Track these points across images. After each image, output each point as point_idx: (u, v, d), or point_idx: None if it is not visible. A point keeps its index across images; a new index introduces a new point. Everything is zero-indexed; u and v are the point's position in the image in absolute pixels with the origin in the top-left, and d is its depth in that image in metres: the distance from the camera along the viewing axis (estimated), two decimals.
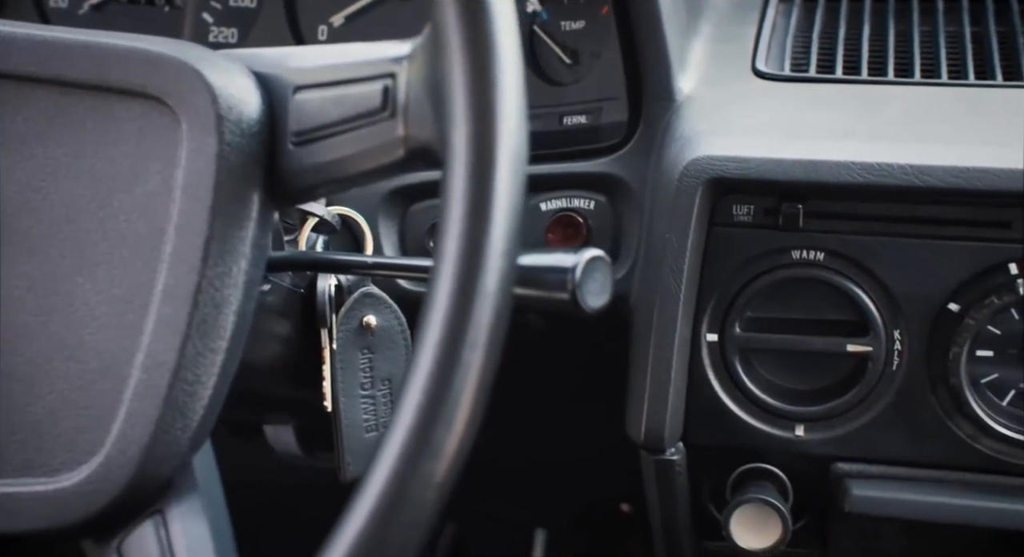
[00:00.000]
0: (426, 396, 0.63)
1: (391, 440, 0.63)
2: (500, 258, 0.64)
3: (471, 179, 0.64)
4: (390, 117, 0.72)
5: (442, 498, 0.64)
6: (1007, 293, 1.05)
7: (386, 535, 0.63)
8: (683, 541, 1.20)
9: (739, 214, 1.11)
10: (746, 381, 1.13)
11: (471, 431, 0.64)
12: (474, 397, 0.64)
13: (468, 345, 0.63)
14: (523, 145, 0.66)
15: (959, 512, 1.10)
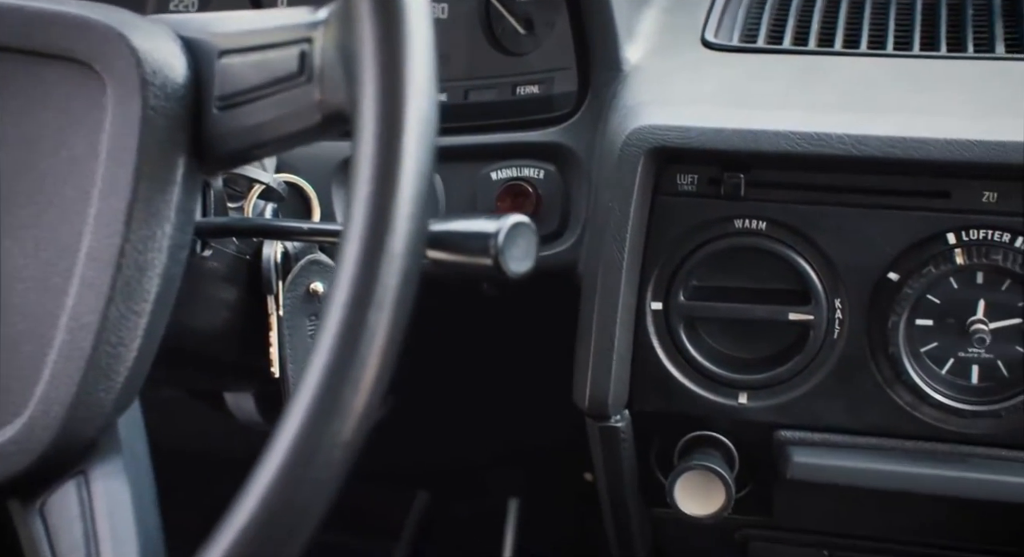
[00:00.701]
0: (332, 356, 0.64)
1: (298, 399, 0.64)
2: (407, 221, 0.65)
3: (378, 143, 0.65)
4: (306, 82, 0.73)
5: (350, 457, 0.65)
6: (944, 262, 1.06)
7: (293, 493, 0.64)
8: (630, 507, 1.21)
9: (683, 183, 1.11)
10: (690, 349, 1.14)
11: (378, 391, 0.65)
12: (380, 358, 0.65)
13: (374, 307, 0.64)
14: (431, 110, 0.66)
15: (898, 479, 1.11)
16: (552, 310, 1.22)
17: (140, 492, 0.78)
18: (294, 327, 1.15)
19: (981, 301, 1.08)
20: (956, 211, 1.06)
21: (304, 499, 0.64)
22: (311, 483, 0.64)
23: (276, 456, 0.64)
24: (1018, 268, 1.05)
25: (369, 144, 0.65)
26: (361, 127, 0.65)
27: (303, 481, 0.64)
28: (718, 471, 1.13)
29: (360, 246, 0.64)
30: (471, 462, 1.87)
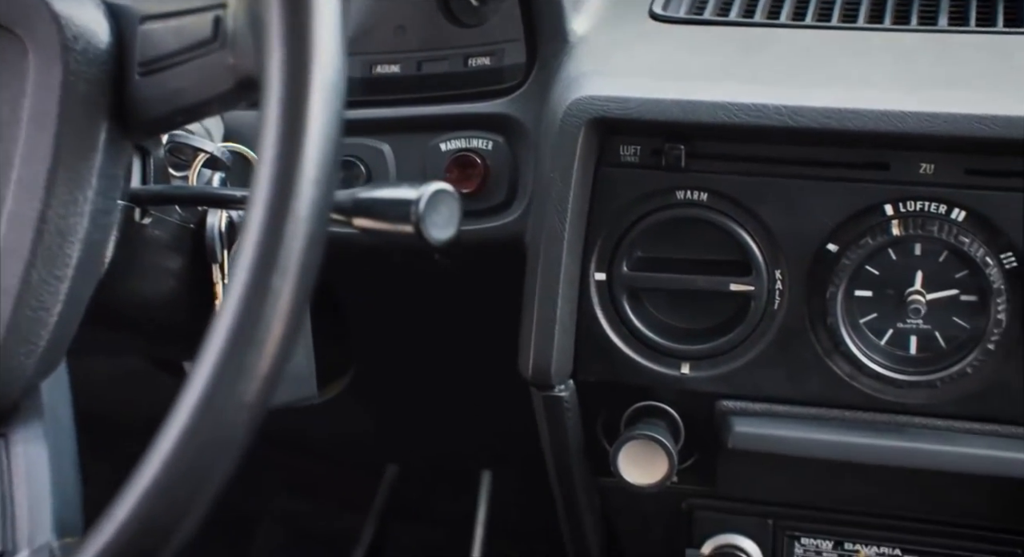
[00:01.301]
0: (236, 319, 0.65)
1: (202, 361, 0.65)
2: (312, 186, 0.66)
3: (283, 108, 0.65)
4: (220, 48, 0.74)
5: (254, 419, 0.66)
6: (881, 234, 1.07)
7: (196, 454, 0.65)
8: (575, 477, 1.22)
9: (626, 155, 1.12)
10: (633, 319, 1.15)
11: (282, 354, 0.66)
12: (285, 322, 0.65)
13: (278, 271, 0.65)
14: (338, 75, 0.67)
15: (836, 448, 1.12)
16: (503, 281, 1.22)
17: (60, 456, 0.79)
18: None
19: (919, 272, 1.09)
20: (894, 182, 1.07)
21: (207, 460, 0.65)
22: (214, 444, 0.65)
23: (179, 417, 0.65)
24: (953, 239, 1.05)
25: (274, 109, 0.66)
26: (267, 92, 0.66)
27: (206, 442, 0.65)
28: (660, 440, 1.14)
29: (264, 210, 0.65)
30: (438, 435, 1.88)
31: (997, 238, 1.05)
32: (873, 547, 1.20)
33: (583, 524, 1.27)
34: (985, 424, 1.09)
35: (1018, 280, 1.05)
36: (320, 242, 0.67)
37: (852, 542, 1.20)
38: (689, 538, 1.24)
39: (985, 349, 1.06)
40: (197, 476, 0.64)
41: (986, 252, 1.05)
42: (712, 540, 1.23)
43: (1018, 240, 1.05)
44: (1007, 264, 1.05)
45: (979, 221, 1.05)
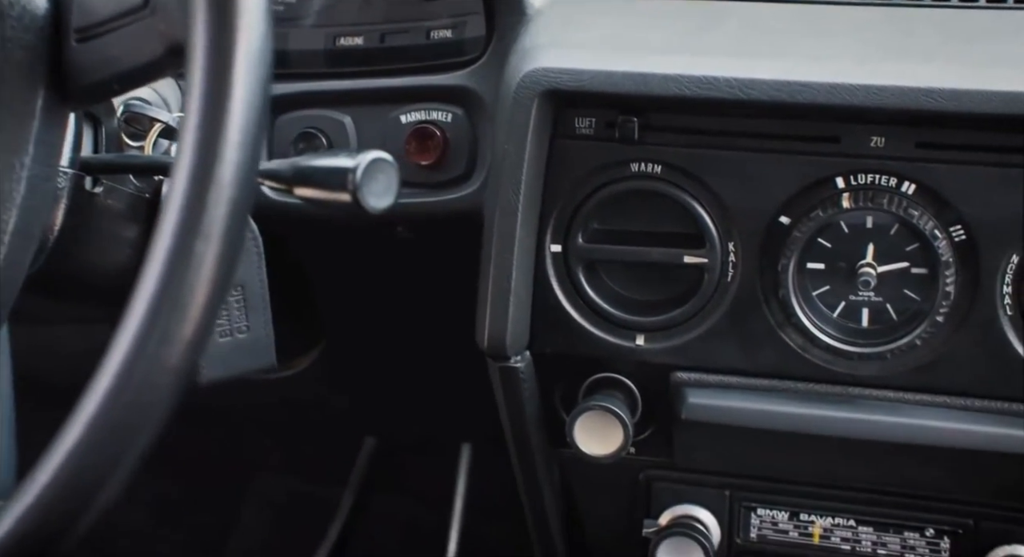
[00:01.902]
0: (158, 284, 0.65)
1: (125, 326, 0.65)
2: (236, 150, 0.66)
3: (207, 73, 0.66)
4: (151, 14, 0.74)
5: (178, 383, 0.66)
6: (832, 206, 1.07)
7: (119, 416, 0.65)
8: (534, 447, 1.23)
9: (581, 127, 1.12)
10: (589, 291, 1.15)
11: (206, 319, 0.66)
12: (208, 287, 0.66)
13: (201, 236, 0.65)
14: (262, 41, 0.67)
15: (789, 420, 1.12)
16: (466, 253, 1.23)
17: None
18: None
19: (870, 245, 1.09)
20: (845, 155, 1.07)
21: (130, 423, 0.65)
22: (137, 408, 0.65)
23: (102, 381, 0.65)
24: (902, 212, 1.06)
25: (198, 74, 0.66)
26: (192, 58, 0.67)
27: (129, 405, 0.65)
28: (616, 411, 1.15)
29: (187, 175, 0.66)
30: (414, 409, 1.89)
31: (946, 211, 1.06)
32: (828, 518, 1.21)
33: (542, 495, 1.28)
34: (935, 396, 1.10)
35: (967, 253, 1.06)
36: (245, 208, 0.67)
37: (808, 513, 1.21)
38: (647, 509, 1.25)
39: (934, 321, 1.07)
40: (120, 439, 0.65)
41: (935, 225, 1.06)
42: (669, 511, 1.24)
43: (967, 213, 1.05)
44: (956, 237, 1.06)
45: (929, 194, 1.06)
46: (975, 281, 1.06)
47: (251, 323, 1.19)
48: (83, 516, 0.65)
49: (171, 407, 0.67)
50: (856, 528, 1.20)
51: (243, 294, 1.19)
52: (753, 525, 1.23)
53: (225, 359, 1.19)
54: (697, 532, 1.20)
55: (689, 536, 1.19)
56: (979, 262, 1.06)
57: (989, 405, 1.09)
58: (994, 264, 1.05)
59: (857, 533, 1.20)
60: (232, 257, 0.67)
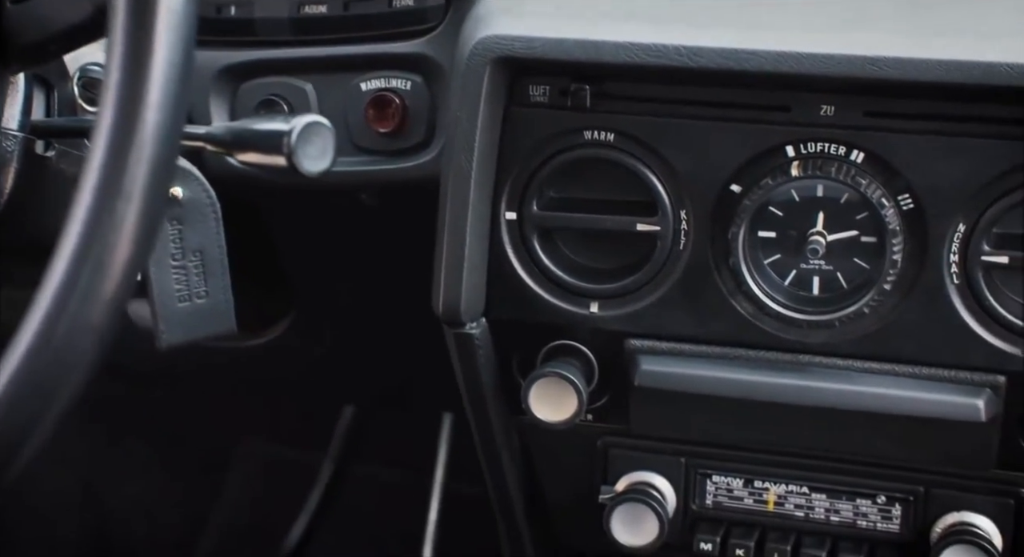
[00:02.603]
0: (78, 243, 0.66)
1: (46, 284, 0.66)
2: (156, 111, 0.67)
3: (126, 32, 0.67)
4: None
5: (100, 342, 0.67)
6: (782, 175, 1.08)
7: (40, 373, 0.66)
8: (491, 414, 1.24)
9: (535, 95, 1.13)
10: (543, 259, 1.16)
11: (128, 278, 0.67)
12: (129, 246, 0.67)
13: (122, 196, 0.66)
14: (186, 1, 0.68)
15: (740, 387, 1.13)
16: (427, 221, 1.24)
17: None
18: None
19: (821, 213, 1.10)
20: (795, 124, 1.08)
21: (51, 380, 0.66)
22: (58, 364, 0.66)
23: (24, 338, 0.66)
24: (850, 181, 1.06)
25: (119, 34, 0.67)
26: (114, 17, 0.67)
27: (50, 362, 0.66)
28: (570, 378, 1.16)
29: (108, 135, 0.66)
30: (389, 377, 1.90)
31: (895, 180, 1.06)
32: (782, 485, 1.21)
33: (501, 461, 1.29)
34: (884, 363, 1.11)
35: (914, 221, 1.07)
36: (167, 167, 0.68)
37: (762, 480, 1.22)
38: (604, 475, 1.26)
39: (881, 290, 1.08)
40: (41, 397, 0.66)
41: (883, 193, 1.06)
42: (626, 477, 1.25)
43: (915, 182, 1.06)
44: (904, 206, 1.07)
45: (877, 163, 1.06)
46: (922, 249, 1.07)
47: (210, 288, 1.20)
48: (4, 471, 0.66)
49: (93, 364, 0.68)
50: (809, 495, 1.21)
51: (201, 259, 1.20)
52: (709, 492, 1.24)
53: (184, 324, 1.20)
54: (651, 498, 1.21)
55: (643, 502, 1.20)
56: (926, 231, 1.06)
57: (936, 373, 1.09)
58: (941, 232, 1.06)
59: (810, 500, 1.21)
60: (154, 216, 0.68)
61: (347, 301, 1.60)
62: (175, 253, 1.18)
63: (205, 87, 1.28)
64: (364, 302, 1.62)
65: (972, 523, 1.15)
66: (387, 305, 1.61)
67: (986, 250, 1.06)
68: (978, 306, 1.07)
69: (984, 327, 1.07)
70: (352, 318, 1.67)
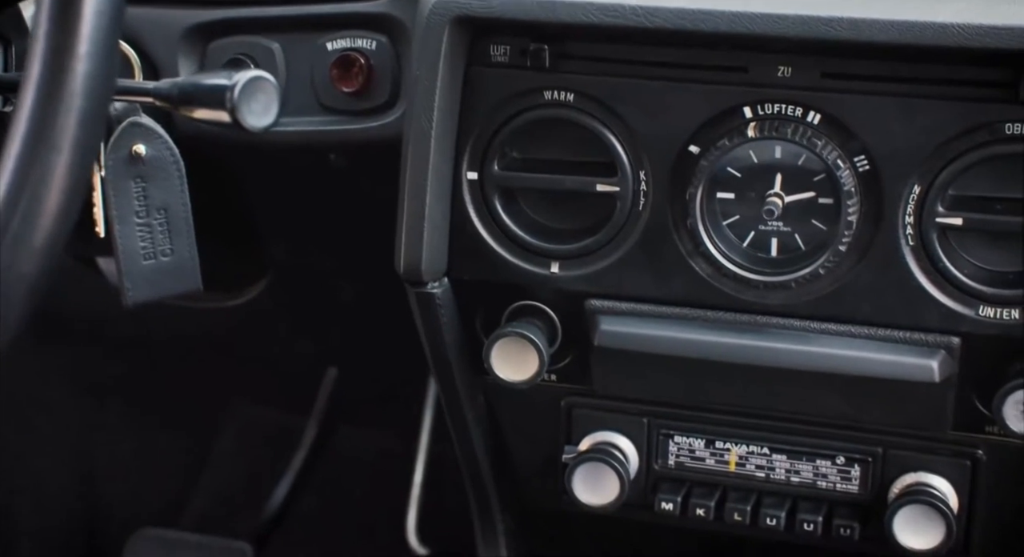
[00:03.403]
0: (6, 192, 0.67)
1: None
2: (84, 61, 0.67)
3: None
4: None
5: (31, 291, 0.68)
6: (739, 136, 1.08)
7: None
8: (455, 373, 1.25)
9: (496, 54, 1.13)
10: (505, 219, 1.17)
11: (59, 227, 0.68)
12: (59, 196, 0.67)
13: (50, 146, 0.67)
14: None
15: (698, 347, 1.14)
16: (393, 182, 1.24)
17: None
18: (119, 189, 1.17)
19: (778, 175, 1.10)
20: (752, 85, 1.08)
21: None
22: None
23: None
24: (806, 142, 1.06)
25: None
26: None
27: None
28: (531, 338, 1.16)
29: (36, 86, 0.67)
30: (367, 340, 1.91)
31: (851, 141, 1.07)
32: (743, 446, 1.22)
33: (467, 422, 1.30)
34: (840, 325, 1.11)
35: (870, 183, 1.07)
36: (96, 118, 0.68)
37: (723, 441, 1.23)
38: (568, 435, 1.27)
39: (837, 251, 1.08)
40: None
41: (839, 155, 1.06)
42: (589, 437, 1.25)
43: (870, 143, 1.06)
44: (860, 167, 1.07)
45: (833, 124, 1.07)
46: (878, 211, 1.07)
47: (175, 246, 1.21)
48: None
49: (25, 314, 0.68)
50: (770, 456, 1.22)
51: (166, 217, 1.21)
52: (671, 452, 1.24)
53: (150, 281, 1.21)
54: (613, 458, 1.22)
55: (604, 462, 1.21)
56: (882, 192, 1.07)
57: (891, 334, 1.10)
58: (896, 194, 1.06)
59: (771, 461, 1.22)
60: (83, 166, 0.68)
61: (321, 263, 1.61)
62: (139, 211, 1.19)
63: (173, 46, 1.28)
64: (338, 264, 1.62)
65: (928, 484, 1.16)
66: (360, 267, 1.62)
67: (941, 212, 1.06)
68: (933, 268, 1.07)
69: (938, 288, 1.08)
70: (327, 279, 1.68)
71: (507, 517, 1.40)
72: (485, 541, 1.41)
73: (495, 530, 1.40)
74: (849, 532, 1.19)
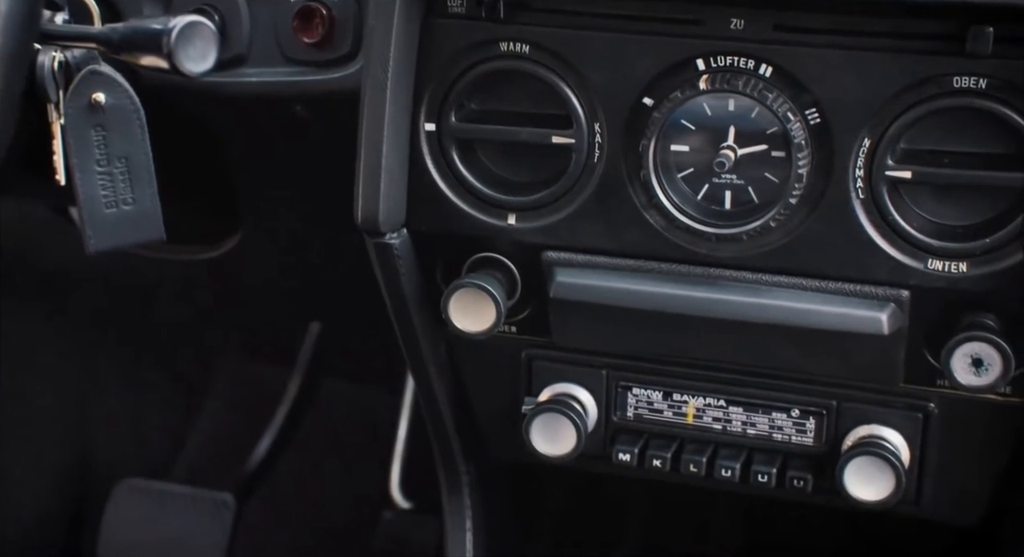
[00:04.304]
0: None
1: None
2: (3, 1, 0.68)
3: None
4: None
5: None
6: (691, 88, 1.08)
7: None
8: (415, 324, 1.26)
9: (453, 5, 1.14)
10: (462, 170, 1.18)
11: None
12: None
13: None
14: None
15: (651, 299, 1.15)
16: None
17: None
18: (79, 138, 1.18)
19: (732, 128, 1.10)
20: (706, 37, 1.08)
21: None
22: None
23: None
24: (757, 95, 1.07)
25: None
26: None
27: None
28: (487, 288, 1.17)
29: None
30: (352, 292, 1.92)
31: (802, 94, 1.07)
32: (700, 398, 1.23)
33: (428, 373, 1.31)
34: (791, 277, 1.12)
35: (821, 136, 1.07)
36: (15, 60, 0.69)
37: (681, 393, 1.24)
38: (528, 387, 1.28)
39: (787, 204, 1.09)
40: None
41: (790, 107, 1.07)
42: (549, 388, 1.27)
43: (821, 96, 1.06)
44: (811, 120, 1.07)
45: (785, 77, 1.07)
46: (828, 164, 1.08)
47: (137, 195, 1.22)
48: None
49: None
50: (727, 408, 1.23)
51: (127, 166, 1.21)
52: (629, 404, 1.25)
53: (112, 230, 1.22)
54: (570, 409, 1.23)
55: (561, 413, 1.22)
56: (832, 145, 1.07)
57: (842, 287, 1.11)
58: (847, 147, 1.07)
59: (728, 413, 1.23)
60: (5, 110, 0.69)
61: (294, 216, 1.62)
62: (100, 159, 1.20)
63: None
64: (311, 217, 1.63)
65: (880, 436, 1.17)
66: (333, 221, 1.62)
67: (890, 165, 1.06)
68: (882, 221, 1.08)
69: (888, 242, 1.08)
70: (301, 233, 1.68)
71: (471, 468, 1.41)
72: (449, 492, 1.42)
73: (459, 481, 1.41)
74: (802, 484, 1.20)
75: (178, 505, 2.07)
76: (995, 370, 1.07)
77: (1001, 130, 1.04)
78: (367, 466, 2.18)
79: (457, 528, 1.42)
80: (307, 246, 1.74)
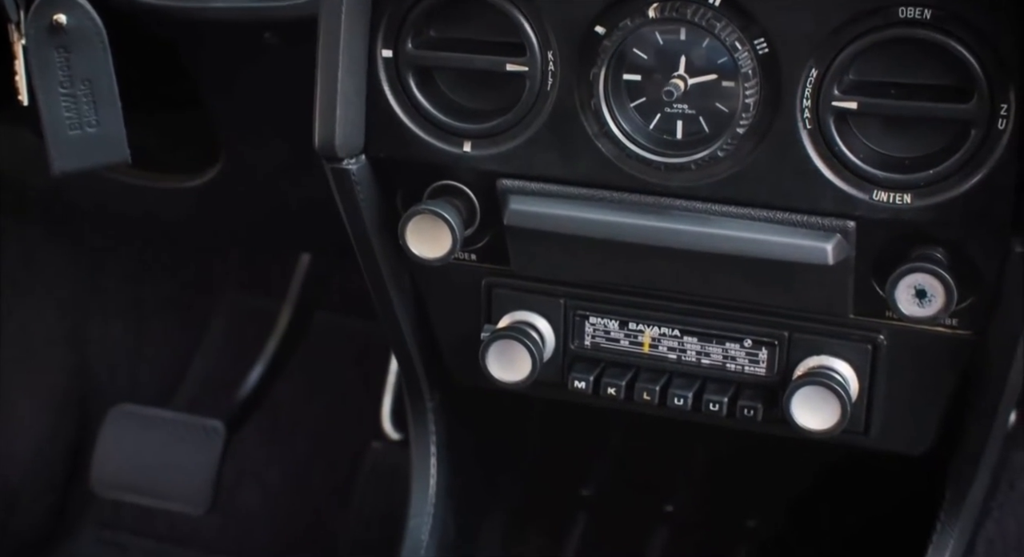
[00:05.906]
0: None
1: None
2: None
3: None
4: None
5: None
6: (640, 16, 1.09)
7: None
8: (375, 251, 1.27)
9: None
10: (419, 97, 1.19)
11: None
12: None
13: None
14: None
15: (604, 228, 1.16)
16: None
17: None
18: (42, 59, 1.20)
19: (683, 57, 1.11)
20: None
21: None
22: None
23: None
24: (705, 24, 1.07)
25: None
26: None
27: None
28: (443, 215, 1.18)
29: None
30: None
31: (751, 25, 1.07)
32: (656, 327, 1.24)
33: (391, 300, 1.32)
34: (740, 208, 1.13)
35: (769, 66, 1.07)
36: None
37: (637, 323, 1.25)
38: (488, 314, 1.29)
39: (735, 134, 1.09)
40: None
41: (739, 37, 1.07)
42: (508, 316, 1.28)
43: (769, 26, 1.06)
44: (759, 50, 1.07)
45: (733, 7, 1.07)
46: (776, 95, 1.08)
47: (101, 117, 1.24)
48: None
49: None
50: (682, 338, 1.24)
51: (91, 88, 1.23)
52: (587, 333, 1.27)
53: (77, 151, 1.24)
54: (526, 336, 1.24)
55: (516, 339, 1.24)
56: (780, 76, 1.07)
57: (789, 217, 1.11)
58: (794, 78, 1.07)
59: (683, 343, 1.24)
60: None
61: (271, 145, 1.63)
62: (63, 81, 1.22)
63: None
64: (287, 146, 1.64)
65: (829, 367, 1.18)
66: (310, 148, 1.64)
67: (837, 95, 1.06)
68: (829, 152, 1.08)
69: (834, 172, 1.09)
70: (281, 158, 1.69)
71: (436, 394, 1.43)
72: (415, 417, 1.44)
73: (424, 407, 1.44)
74: (752, 413, 1.21)
75: (170, 431, 2.10)
76: (938, 301, 1.07)
77: (946, 62, 1.04)
78: (358, 398, 2.21)
79: (422, 454, 1.45)
80: (289, 176, 1.75)
